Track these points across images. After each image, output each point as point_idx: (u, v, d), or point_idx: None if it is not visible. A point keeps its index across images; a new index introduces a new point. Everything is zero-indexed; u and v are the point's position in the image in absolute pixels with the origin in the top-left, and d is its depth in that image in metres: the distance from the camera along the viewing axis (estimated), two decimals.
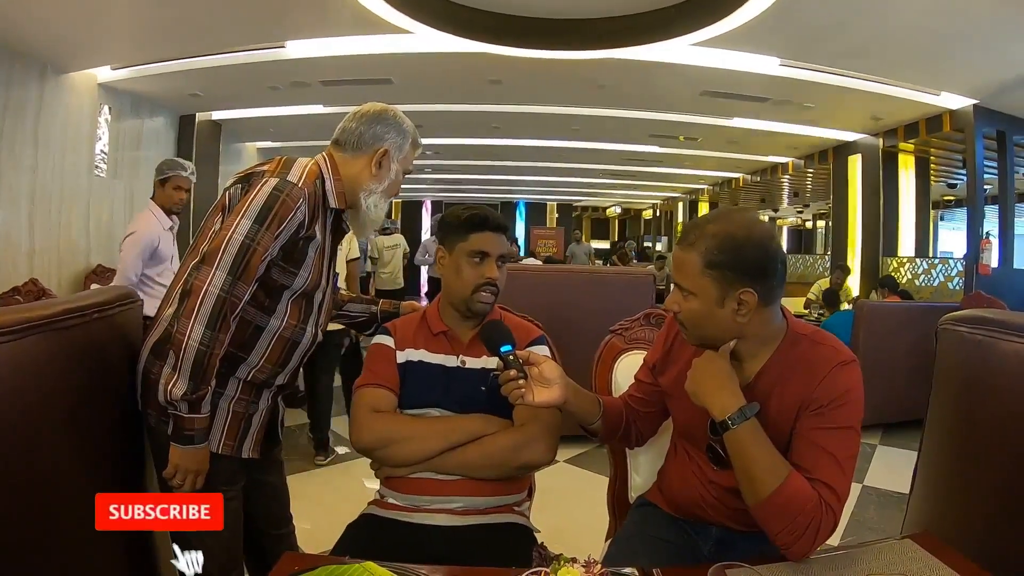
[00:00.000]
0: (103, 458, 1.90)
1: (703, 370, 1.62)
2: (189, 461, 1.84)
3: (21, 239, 7.19)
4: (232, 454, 2.00)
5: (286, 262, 1.93)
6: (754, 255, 1.56)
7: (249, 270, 1.82)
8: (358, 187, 2.06)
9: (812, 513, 1.43)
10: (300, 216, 1.89)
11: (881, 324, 6.09)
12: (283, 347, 2.02)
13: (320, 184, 2.00)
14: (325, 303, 2.16)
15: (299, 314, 2.03)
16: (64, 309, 1.75)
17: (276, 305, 1.97)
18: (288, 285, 1.96)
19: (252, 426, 2.05)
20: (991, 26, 6.02)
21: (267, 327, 1.97)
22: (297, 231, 1.90)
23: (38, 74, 7.35)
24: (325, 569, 1.37)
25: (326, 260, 2.09)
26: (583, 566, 1.24)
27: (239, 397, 2.00)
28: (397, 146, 2.08)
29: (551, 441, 1.98)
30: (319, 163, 2.04)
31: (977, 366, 1.94)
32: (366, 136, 2.06)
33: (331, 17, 6.30)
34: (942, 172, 13.33)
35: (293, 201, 1.87)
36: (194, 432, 1.82)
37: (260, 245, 1.82)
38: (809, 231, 24.72)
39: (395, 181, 2.12)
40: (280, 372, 2.06)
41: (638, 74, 8.20)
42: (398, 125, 2.09)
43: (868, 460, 5.42)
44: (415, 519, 1.94)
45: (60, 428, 1.68)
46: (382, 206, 2.13)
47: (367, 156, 2.06)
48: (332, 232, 2.11)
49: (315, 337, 2.12)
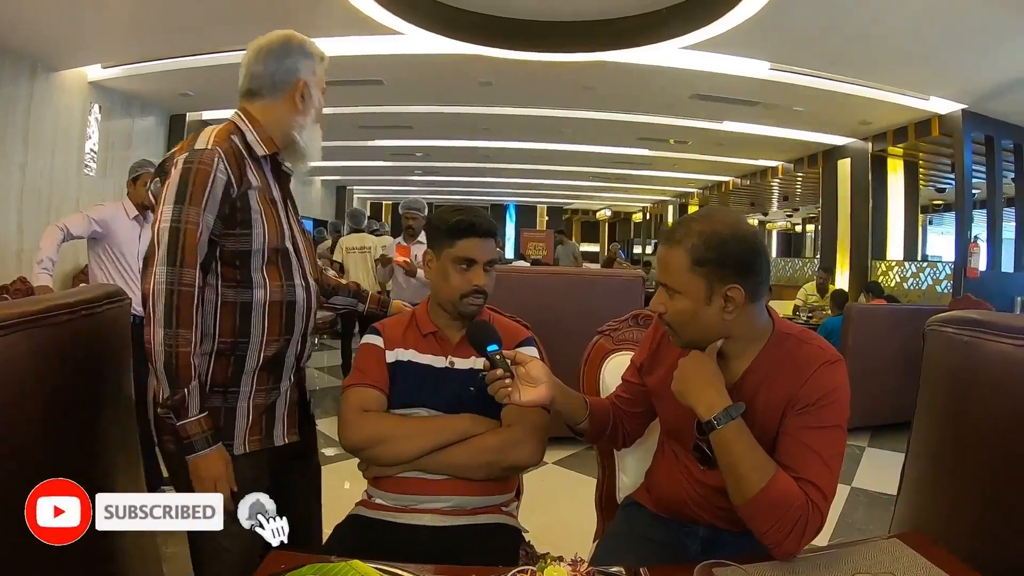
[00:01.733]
0: (88, 456, 1.88)
1: (689, 370, 1.62)
2: (197, 469, 1.76)
3: (10, 238, 7.18)
4: (261, 447, 1.92)
5: (232, 228, 1.84)
6: (740, 250, 1.56)
7: (187, 253, 1.73)
8: (288, 127, 1.99)
9: (799, 512, 1.43)
10: (222, 176, 1.79)
11: (870, 327, 6.11)
12: (279, 313, 1.92)
13: (239, 137, 1.91)
14: (304, 252, 2.06)
15: (279, 274, 1.93)
16: (51, 306, 1.74)
17: (250, 275, 1.87)
18: (249, 249, 1.86)
19: (278, 412, 1.98)
20: (980, 31, 6.07)
21: (253, 301, 1.87)
22: (226, 191, 1.80)
23: (28, 72, 7.34)
24: (311, 567, 1.37)
25: (280, 208, 1.99)
26: (569, 565, 1.24)
27: (256, 390, 1.91)
28: (311, 71, 2.00)
29: (538, 442, 1.97)
30: (233, 120, 1.96)
31: (964, 367, 1.95)
32: (279, 74, 1.96)
33: (322, 17, 6.30)
34: (931, 176, 13.41)
35: (207, 164, 1.77)
36: (193, 438, 1.74)
37: (189, 223, 1.73)
38: (799, 235, 24.80)
39: (319, 107, 2.05)
40: (288, 341, 1.96)
41: (628, 77, 8.23)
42: (303, 50, 1.99)
43: (857, 462, 5.44)
44: (402, 519, 1.93)
45: (45, 425, 1.67)
46: (316, 136, 2.06)
47: (287, 94, 1.97)
48: (277, 178, 2.02)
49: (309, 290, 2.03)
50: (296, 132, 1.99)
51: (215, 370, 1.85)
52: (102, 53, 7.87)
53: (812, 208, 18.91)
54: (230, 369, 1.86)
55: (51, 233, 4.53)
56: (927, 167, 12.23)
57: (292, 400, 2.02)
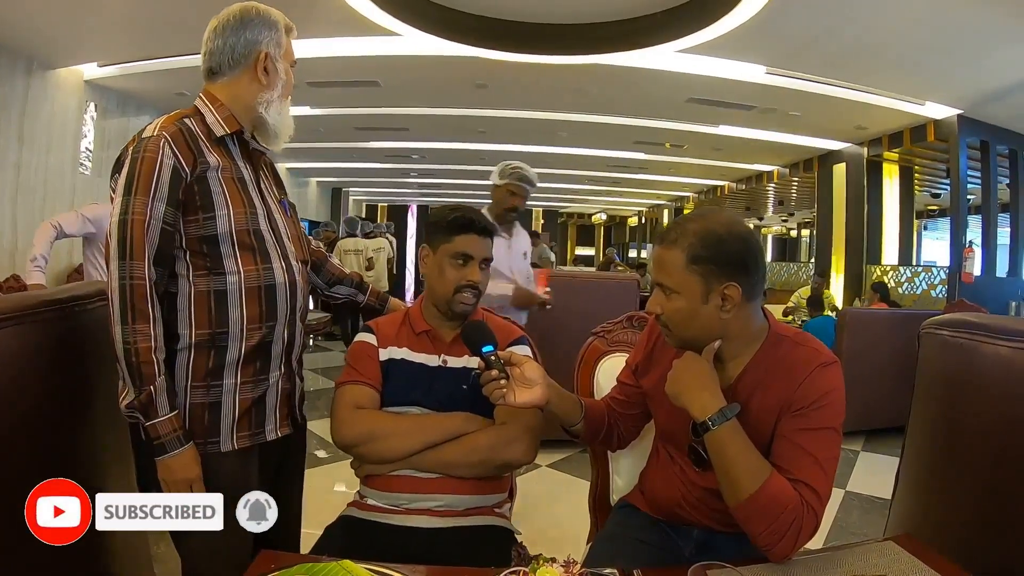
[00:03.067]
0: (79, 454, 1.88)
1: (683, 371, 1.61)
2: (169, 471, 1.70)
3: (4, 236, 7.16)
4: (252, 443, 1.85)
5: (194, 213, 1.76)
6: (736, 248, 1.56)
7: (136, 245, 1.66)
8: (252, 103, 1.89)
9: (793, 514, 1.43)
10: (169, 161, 1.71)
11: (864, 331, 6.11)
12: (258, 299, 1.83)
13: (197, 120, 1.83)
14: (286, 233, 1.97)
15: (254, 257, 1.83)
16: (42, 302, 1.74)
17: (221, 261, 1.79)
18: (215, 233, 1.77)
19: (268, 405, 1.90)
20: (976, 36, 6.08)
21: (227, 289, 1.79)
22: (176, 176, 1.72)
23: (24, 69, 7.33)
24: (302, 567, 1.36)
25: (251, 188, 1.90)
26: (562, 566, 1.23)
27: (242, 383, 1.83)
28: (275, 42, 1.89)
29: (531, 440, 1.97)
30: (195, 103, 1.88)
31: (959, 369, 1.95)
32: (238, 48, 1.85)
33: (319, 18, 6.31)
34: (926, 182, 13.44)
35: (152, 152, 1.70)
36: (163, 438, 1.68)
37: (136, 215, 1.67)
38: (794, 239, 24.85)
39: (287, 80, 1.94)
40: (272, 328, 1.87)
41: (625, 80, 8.24)
42: (266, 19, 1.88)
43: (851, 466, 5.45)
44: (394, 520, 1.92)
45: (35, 420, 1.66)
46: (285, 111, 1.95)
47: (249, 68, 1.87)
48: (247, 159, 1.94)
49: (292, 272, 1.93)
50: (262, 109, 1.90)
51: (195, 364, 1.78)
52: (98, 51, 7.85)
53: (807, 213, 18.95)
54: (211, 363, 1.79)
55: (44, 230, 4.55)
56: (922, 172, 12.26)
57: (284, 392, 1.95)
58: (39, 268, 4.55)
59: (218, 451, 1.80)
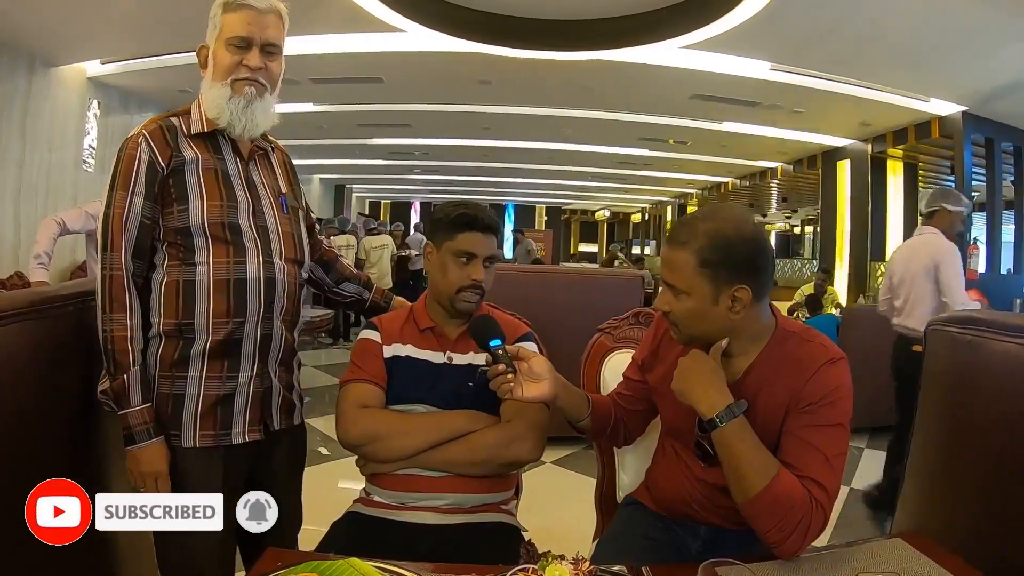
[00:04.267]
0: (83, 451, 1.87)
1: (690, 368, 1.60)
2: (136, 463, 1.73)
3: (6, 234, 7.19)
4: (214, 444, 1.82)
5: (170, 205, 1.79)
6: (746, 250, 1.55)
7: (115, 236, 1.73)
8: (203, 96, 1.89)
9: (802, 511, 1.42)
10: (145, 157, 1.76)
11: (868, 328, 6.08)
12: (225, 293, 1.81)
13: (181, 118, 1.86)
14: (271, 228, 1.94)
15: (227, 250, 1.82)
16: (45, 298, 1.74)
17: (193, 252, 1.80)
18: (187, 224, 1.78)
19: (236, 405, 1.86)
20: (981, 33, 6.07)
21: (196, 279, 1.79)
22: (151, 171, 1.77)
23: (26, 67, 7.34)
24: (309, 564, 1.35)
25: (238, 181, 1.90)
26: (571, 564, 1.22)
27: (207, 377, 1.81)
28: (211, 28, 1.85)
29: (538, 438, 1.95)
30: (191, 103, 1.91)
31: (967, 366, 1.94)
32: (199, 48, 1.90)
33: (323, 14, 6.28)
34: (930, 178, 13.40)
35: (132, 149, 1.76)
36: (131, 429, 1.71)
37: (115, 208, 1.74)
38: (797, 236, 24.83)
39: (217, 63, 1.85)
40: (241, 324, 1.84)
41: (629, 76, 8.23)
42: (212, 13, 1.85)
43: (855, 463, 5.43)
44: (401, 517, 1.91)
45: (39, 417, 1.66)
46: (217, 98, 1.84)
47: (201, 66, 1.90)
48: (239, 155, 1.93)
49: (270, 269, 1.89)
50: (203, 102, 1.88)
51: (163, 353, 1.80)
52: (101, 49, 7.86)
53: (811, 210, 18.93)
54: (177, 353, 1.80)
55: (47, 227, 4.55)
56: (927, 169, 12.23)
57: (256, 394, 1.90)
58: (42, 265, 4.55)
59: (179, 445, 1.80)
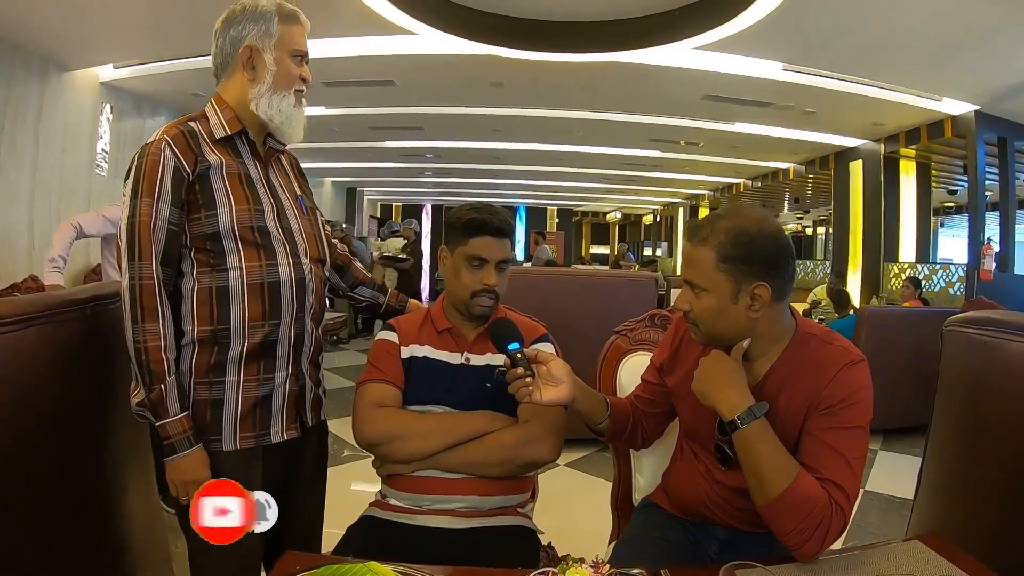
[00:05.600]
0: (99, 455, 1.88)
1: (710, 369, 1.60)
2: (177, 472, 1.72)
3: (21, 236, 7.22)
4: (256, 445, 1.84)
5: (197, 211, 1.78)
6: (767, 248, 1.55)
7: (144, 245, 1.70)
8: (244, 102, 1.87)
9: (822, 513, 1.41)
10: (170, 163, 1.74)
11: (882, 329, 6.08)
12: (261, 296, 1.82)
13: (202, 123, 1.85)
14: (299, 232, 1.96)
15: (257, 253, 1.83)
16: (61, 301, 1.75)
17: (224, 257, 1.80)
18: (217, 231, 1.78)
19: (274, 406, 1.88)
20: (993, 32, 6.04)
21: (229, 285, 1.80)
22: (178, 177, 1.75)
23: (40, 71, 7.38)
24: (328, 568, 1.35)
25: (260, 185, 1.90)
26: (591, 566, 1.22)
27: (245, 381, 1.82)
28: (261, 34, 1.85)
29: (555, 438, 1.95)
30: (204, 108, 1.90)
31: (984, 367, 1.93)
32: (226, 48, 1.86)
33: (335, 17, 6.33)
34: (943, 178, 13.36)
35: (155, 155, 1.73)
36: (171, 439, 1.70)
37: (142, 216, 1.71)
38: (809, 237, 24.73)
39: (280, 71, 1.87)
40: (276, 327, 1.86)
41: (640, 78, 8.22)
42: (251, 13, 1.85)
43: (870, 466, 5.40)
44: (417, 520, 1.91)
45: (54, 421, 1.67)
46: (283, 105, 1.89)
47: (237, 66, 1.87)
48: (258, 158, 1.93)
49: (301, 270, 1.91)
50: (253, 105, 1.87)
51: (198, 361, 1.79)
52: (114, 53, 7.90)
53: (823, 210, 18.88)
54: (213, 359, 1.79)
55: (63, 230, 4.57)
56: (939, 169, 12.19)
57: (292, 394, 1.93)
58: (57, 268, 4.57)
59: (220, 450, 1.80)
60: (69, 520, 1.69)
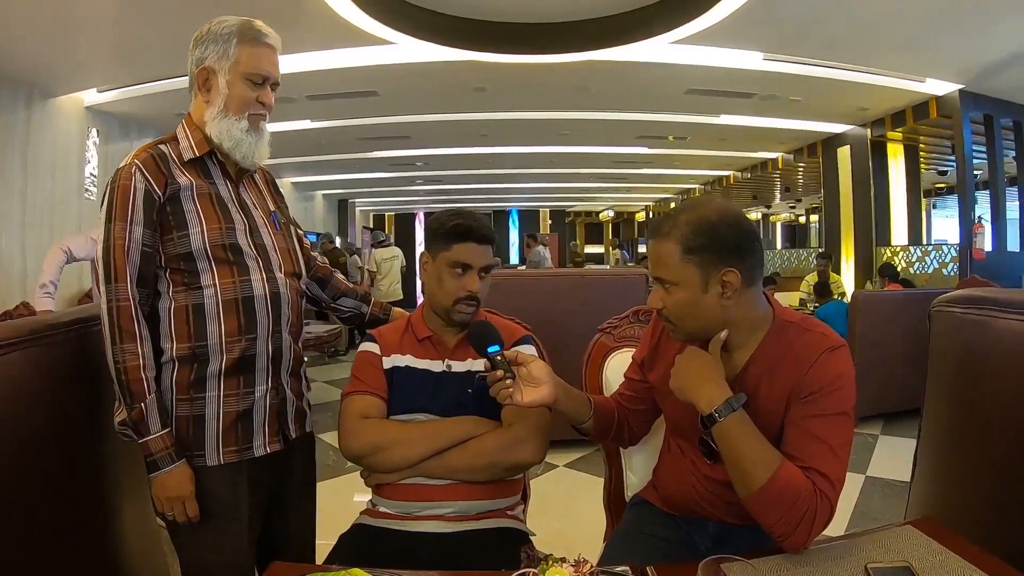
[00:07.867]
0: (90, 477, 1.88)
1: (686, 365, 1.60)
2: (163, 488, 1.74)
3: (13, 263, 7.23)
4: (238, 459, 1.85)
5: (169, 232, 1.80)
6: (729, 233, 1.55)
7: (119, 268, 1.73)
8: (203, 124, 1.88)
9: (807, 503, 1.40)
10: (141, 186, 1.76)
11: (878, 313, 6.08)
12: (235, 312, 1.84)
13: (171, 145, 1.87)
14: (268, 246, 1.96)
15: (231, 270, 1.85)
16: (48, 325, 1.76)
17: (198, 276, 1.82)
18: (189, 249, 1.80)
19: (255, 420, 1.89)
20: (974, 9, 6.02)
21: (204, 302, 1.82)
22: (149, 199, 1.77)
23: (24, 98, 7.40)
24: None
25: (232, 203, 1.92)
26: (572, 566, 1.21)
27: (226, 396, 1.84)
28: (219, 55, 1.84)
29: (540, 440, 1.95)
30: (175, 130, 1.92)
31: (973, 346, 1.93)
32: (193, 69, 1.87)
33: (311, 30, 6.33)
34: (932, 160, 13.37)
35: (125, 180, 1.76)
36: (154, 456, 1.72)
37: (116, 239, 1.74)
38: (803, 226, 24.74)
39: (232, 95, 1.86)
40: (253, 341, 1.87)
41: (622, 75, 8.22)
42: (215, 33, 1.84)
43: (871, 451, 5.41)
44: (407, 527, 1.91)
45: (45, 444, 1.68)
46: (233, 130, 1.87)
47: (197, 88, 1.89)
48: (228, 178, 1.94)
49: (274, 283, 1.92)
50: (207, 128, 1.88)
51: (178, 378, 1.81)
52: (97, 77, 7.90)
53: (814, 198, 18.87)
54: (193, 375, 1.81)
55: (53, 255, 4.56)
56: (927, 150, 12.20)
57: (272, 407, 1.94)
58: (49, 294, 4.56)
59: (204, 465, 1.82)
60: (63, 540, 1.71)
